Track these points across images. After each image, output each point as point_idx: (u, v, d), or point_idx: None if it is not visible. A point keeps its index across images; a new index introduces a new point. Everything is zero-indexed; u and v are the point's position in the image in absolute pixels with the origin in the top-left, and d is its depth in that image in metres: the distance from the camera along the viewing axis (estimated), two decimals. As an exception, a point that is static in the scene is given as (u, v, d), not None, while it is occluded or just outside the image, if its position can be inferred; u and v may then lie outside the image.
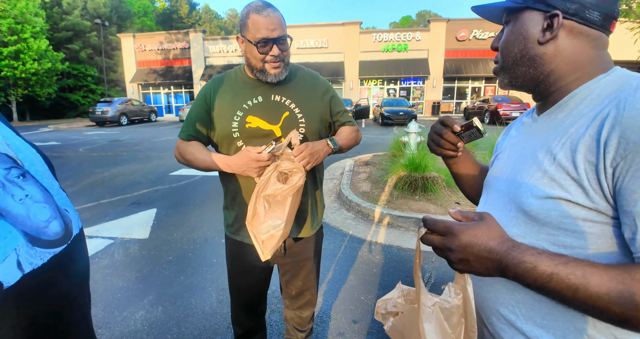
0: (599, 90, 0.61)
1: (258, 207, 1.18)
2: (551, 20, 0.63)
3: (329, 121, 1.44)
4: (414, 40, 23.96)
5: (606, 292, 0.49)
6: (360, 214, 4.34)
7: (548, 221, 0.61)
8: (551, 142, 0.63)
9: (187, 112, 6.29)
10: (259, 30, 1.17)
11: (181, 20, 51.14)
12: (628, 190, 0.51)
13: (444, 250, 0.61)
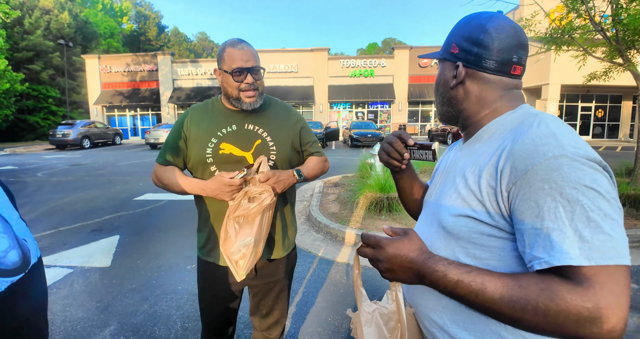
0: (505, 125, 0.72)
1: (229, 229, 1.24)
2: (455, 70, 0.77)
3: (298, 149, 1.52)
4: (380, 66, 25.06)
5: (499, 297, 0.58)
6: (329, 235, 4.39)
7: (461, 236, 0.71)
8: (466, 168, 0.73)
9: (153, 135, 6.28)
10: (234, 61, 1.30)
11: (149, 42, 50.67)
12: (518, 210, 0.61)
13: (374, 260, 0.71)
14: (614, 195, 0.58)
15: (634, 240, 3.89)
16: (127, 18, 49.04)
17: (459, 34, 0.77)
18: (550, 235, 0.57)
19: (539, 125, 0.64)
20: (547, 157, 0.58)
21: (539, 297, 0.55)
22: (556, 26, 6.23)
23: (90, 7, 41.36)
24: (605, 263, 0.53)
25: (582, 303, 0.52)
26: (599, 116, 20.88)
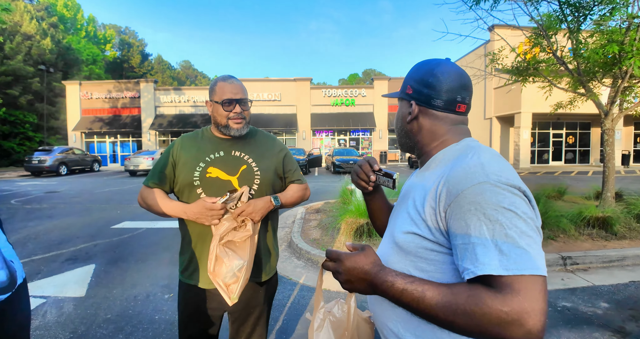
0: (448, 155, 0.84)
1: (220, 254, 1.30)
2: (410, 107, 0.90)
3: (281, 176, 1.61)
4: (360, 96, 25.90)
5: (435, 303, 0.67)
6: (310, 262, 4.39)
7: (410, 251, 0.80)
8: (416, 192, 0.84)
9: (133, 162, 6.29)
10: (225, 93, 1.44)
11: (132, 70, 50.84)
12: (452, 228, 0.71)
13: (335, 273, 0.81)
14: (531, 216, 0.68)
15: (603, 261, 4.04)
16: (110, 45, 49.33)
17: (413, 77, 0.90)
18: (475, 248, 0.66)
19: (472, 156, 0.75)
20: (474, 183, 0.69)
21: (467, 303, 0.64)
22: (521, 59, 6.68)
23: (73, 34, 41.53)
24: (521, 273, 0.62)
25: (502, 307, 0.60)
26: (570, 142, 21.82)
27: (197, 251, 1.48)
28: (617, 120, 6.16)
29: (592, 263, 4.00)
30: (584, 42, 5.73)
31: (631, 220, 5.12)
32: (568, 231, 4.74)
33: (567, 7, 5.53)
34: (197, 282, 1.48)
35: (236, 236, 1.33)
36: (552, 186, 7.82)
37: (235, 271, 1.30)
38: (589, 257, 4.01)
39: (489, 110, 21.23)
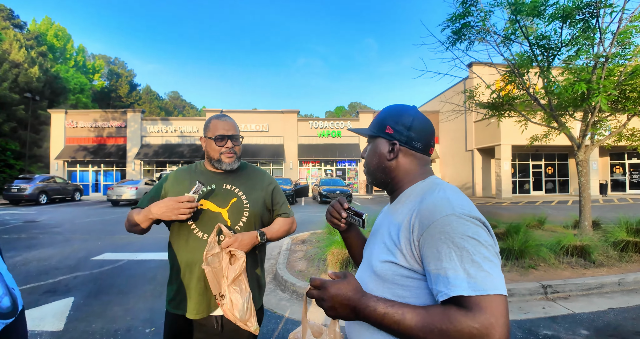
0: (417, 191, 0.93)
1: (232, 297, 1.37)
2: (392, 146, 0.98)
3: (269, 208, 1.69)
4: (346, 127, 26.47)
5: (414, 323, 0.73)
6: (295, 294, 4.34)
7: (387, 278, 0.86)
8: (390, 224, 0.92)
9: (116, 191, 6.34)
10: (218, 129, 1.55)
11: (120, 99, 50.99)
12: (425, 256, 0.79)
13: (319, 300, 0.84)
14: (490, 243, 0.77)
15: (583, 289, 4.13)
16: (99, 75, 49.69)
17: (393, 119, 0.98)
18: (447, 273, 0.74)
19: (439, 192, 0.86)
20: (442, 215, 0.78)
21: (442, 321, 0.71)
22: (497, 96, 7.07)
23: (62, 63, 41.81)
24: (486, 293, 0.71)
25: (472, 323, 0.68)
26: (549, 173, 22.52)
27: (185, 281, 1.51)
28: (590, 151, 6.49)
29: (572, 291, 4.09)
30: (554, 80, 6.14)
31: (608, 248, 5.28)
32: (548, 260, 4.86)
33: (536, 47, 5.97)
34: (185, 312, 1.50)
35: (234, 270, 1.39)
36: (532, 216, 8.03)
37: (246, 305, 1.37)
38: (569, 285, 4.11)
39: (470, 142, 21.92)
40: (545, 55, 5.95)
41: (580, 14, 5.22)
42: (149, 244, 7.48)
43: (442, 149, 26.54)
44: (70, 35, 44.20)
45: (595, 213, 10.19)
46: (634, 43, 5.93)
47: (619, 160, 22.56)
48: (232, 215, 1.54)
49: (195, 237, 1.52)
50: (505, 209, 13.76)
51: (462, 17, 5.92)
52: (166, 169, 25.58)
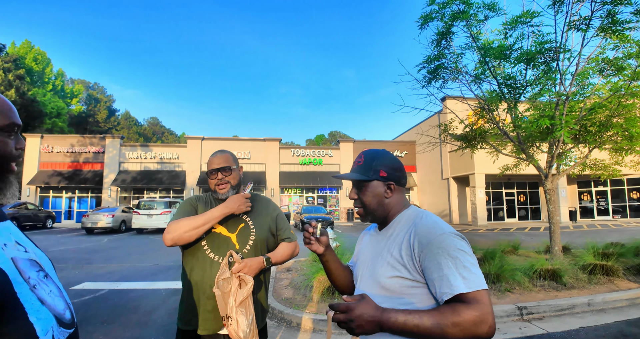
0: (405, 218, 1.17)
1: (238, 318, 1.52)
2: (389, 186, 1.21)
3: (274, 233, 1.87)
4: (327, 156, 27.07)
5: (431, 323, 0.92)
6: (283, 321, 4.39)
7: (395, 290, 1.07)
8: (390, 245, 1.14)
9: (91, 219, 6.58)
10: (211, 165, 1.79)
11: (97, 124, 50.14)
12: (427, 268, 1.01)
13: (347, 322, 0.95)
14: (472, 253, 1.02)
15: (556, 310, 4.40)
16: (77, 100, 49.01)
17: (384, 165, 1.20)
18: (448, 278, 0.97)
19: (426, 218, 1.12)
20: (438, 234, 1.03)
21: (452, 315, 0.92)
22: (469, 130, 7.59)
23: (40, 87, 41.14)
24: (478, 289, 0.95)
25: (473, 312, 0.91)
26: (521, 200, 23.43)
27: (195, 298, 1.66)
28: (556, 181, 6.98)
29: (546, 312, 4.34)
30: (520, 116, 6.69)
31: (578, 271, 5.63)
32: (523, 283, 5.13)
33: (504, 87, 6.54)
34: (196, 327, 1.64)
35: (242, 294, 1.55)
36: (507, 242, 8.40)
37: (250, 326, 1.53)
38: (543, 306, 4.37)
39: (446, 171, 22.71)
40: (512, 94, 6.51)
41: (542, 57, 5.83)
42: (130, 273, 7.34)
43: (419, 178, 27.27)
44: (50, 59, 43.84)
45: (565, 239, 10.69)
46: (592, 83, 6.61)
47: (586, 188, 23.78)
48: (240, 239, 1.73)
49: (207, 258, 1.69)
50: (481, 235, 14.19)
51: (437, 59, 6.49)
52: (144, 196, 25.07)
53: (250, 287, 1.56)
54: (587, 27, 5.45)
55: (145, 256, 9.73)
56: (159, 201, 17.29)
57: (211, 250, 1.70)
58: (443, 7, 6.08)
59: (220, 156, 1.79)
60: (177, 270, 7.43)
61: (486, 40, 6.26)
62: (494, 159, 8.29)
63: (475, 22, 6.16)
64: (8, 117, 0.88)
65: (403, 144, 28.05)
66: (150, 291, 5.93)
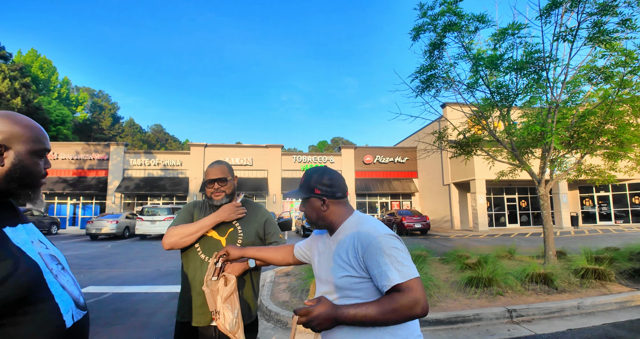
0: (350, 224, 1.34)
1: (224, 311, 1.67)
2: (323, 201, 1.37)
3: (262, 237, 2.04)
4: (329, 162, 27.27)
5: (376, 312, 1.12)
6: (280, 323, 4.53)
7: (345, 287, 1.26)
8: (339, 250, 1.31)
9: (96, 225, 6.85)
10: (208, 175, 1.95)
11: (102, 131, 50.72)
12: (369, 265, 1.20)
13: (308, 322, 1.16)
14: (404, 248, 1.23)
15: (545, 312, 4.51)
16: (82, 107, 49.66)
17: (317, 182, 1.38)
18: (387, 272, 1.16)
19: (366, 223, 1.31)
20: (374, 237, 1.22)
21: (390, 303, 1.12)
22: (463, 137, 7.75)
23: (45, 95, 41.77)
24: (409, 278, 1.14)
25: (407, 298, 1.11)
26: (522, 206, 23.45)
27: (188, 295, 1.85)
28: (549, 186, 7.11)
29: (535, 315, 4.45)
30: (513, 123, 6.86)
31: (570, 275, 5.72)
32: (514, 287, 5.24)
33: (496, 94, 6.71)
34: (190, 320, 1.81)
35: (227, 290, 1.70)
36: (504, 247, 8.51)
37: (235, 320, 1.67)
38: (532, 309, 4.48)
39: (447, 177, 22.81)
40: (504, 102, 6.68)
41: (531, 67, 6.00)
42: (132, 277, 7.51)
43: (420, 184, 27.37)
44: (55, 68, 44.57)
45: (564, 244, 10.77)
46: (583, 91, 6.77)
47: (588, 193, 23.78)
48: (228, 242, 1.90)
49: (199, 258, 1.88)
50: (481, 241, 14.26)
51: (429, 69, 6.68)
52: (147, 202, 25.31)
53: (233, 284, 1.69)
54: (574, 37, 5.62)
55: (147, 262, 9.90)
56: (162, 207, 17.52)
57: (202, 252, 1.88)
58: (435, 19, 6.29)
59: (217, 167, 1.94)
60: (178, 274, 7.57)
61: (479, 50, 6.45)
62: (490, 165, 8.44)
63: (467, 33, 6.35)
64: (43, 143, 1.08)
65: (404, 150, 28.17)
66: (152, 294, 6.09)
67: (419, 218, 17.92)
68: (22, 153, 1.03)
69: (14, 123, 1.03)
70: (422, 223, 17.78)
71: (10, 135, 1.01)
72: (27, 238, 1.05)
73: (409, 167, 27.86)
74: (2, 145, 1.00)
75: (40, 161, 1.08)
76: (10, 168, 1.01)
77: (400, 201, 27.67)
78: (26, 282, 0.92)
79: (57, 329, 0.97)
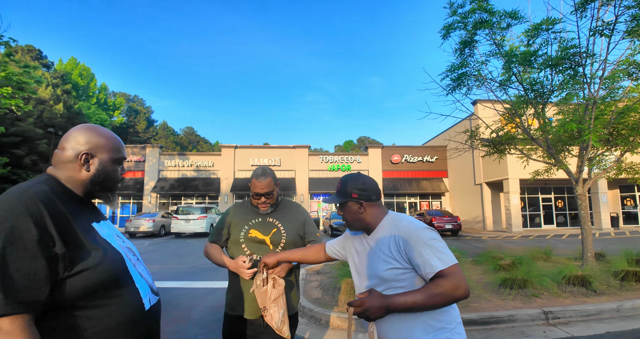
0: (387, 223, 1.47)
1: (272, 311, 1.83)
2: (360, 204, 1.48)
3: (302, 236, 2.17)
4: (356, 162, 27.24)
5: (423, 298, 1.25)
6: (313, 319, 4.68)
7: (390, 279, 1.38)
8: (381, 246, 1.43)
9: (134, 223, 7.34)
10: (255, 188, 2.03)
11: (137, 134, 52.99)
12: (411, 257, 1.33)
13: (363, 313, 1.29)
14: (440, 239, 1.36)
15: (582, 315, 4.40)
16: (119, 112, 52.07)
17: (354, 187, 1.49)
18: (429, 261, 1.29)
19: (403, 219, 1.45)
20: (413, 230, 1.35)
21: (436, 288, 1.26)
22: (496, 136, 7.61)
23: (85, 100, 44.10)
24: (450, 264, 1.28)
25: (449, 282, 1.25)
26: (559, 206, 22.49)
27: (238, 290, 2.01)
28: (587, 186, 6.87)
29: (572, 317, 4.36)
30: (549, 120, 6.68)
31: (609, 277, 5.53)
32: (551, 289, 5.13)
33: (530, 92, 6.56)
34: (243, 313, 1.97)
35: (275, 293, 1.86)
36: (539, 248, 8.28)
37: (281, 318, 1.83)
38: (569, 312, 4.38)
39: (478, 176, 22.25)
40: (539, 100, 6.52)
41: (567, 63, 5.84)
42: (170, 273, 7.90)
43: (450, 183, 26.83)
44: (94, 75, 46.95)
45: (603, 245, 10.31)
46: (622, 86, 6.50)
47: (629, 193, 22.51)
48: (273, 241, 2.04)
49: (245, 255, 2.02)
50: (514, 242, 13.87)
51: (459, 68, 6.61)
52: (181, 202, 26.27)
53: (281, 288, 1.85)
54: (612, 32, 5.43)
55: (183, 259, 10.34)
56: (195, 207, 18.17)
57: (248, 249, 2.03)
58: (465, 17, 6.23)
59: (264, 181, 2.00)
60: (213, 271, 7.89)
61: (512, 46, 6.33)
62: (524, 164, 8.23)
63: (498, 30, 6.26)
64: (121, 153, 1.27)
65: (433, 149, 27.68)
66: (190, 289, 6.40)
67: (449, 218, 17.61)
68: (104, 161, 1.20)
69: (98, 135, 1.21)
70: (452, 223, 17.46)
71: (95, 145, 1.19)
72: (110, 232, 1.23)
73: (439, 166, 27.36)
74: (88, 154, 1.18)
75: (118, 168, 1.26)
76: (94, 173, 1.18)
77: (429, 202, 27.24)
78: (114, 268, 1.09)
79: (138, 310, 1.14)
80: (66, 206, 1.07)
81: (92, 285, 1.02)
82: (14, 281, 0.88)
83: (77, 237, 1.04)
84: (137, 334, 1.14)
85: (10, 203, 0.94)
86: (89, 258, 1.03)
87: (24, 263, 0.90)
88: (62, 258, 0.97)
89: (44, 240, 0.94)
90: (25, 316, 0.90)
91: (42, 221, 0.95)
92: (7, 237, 0.90)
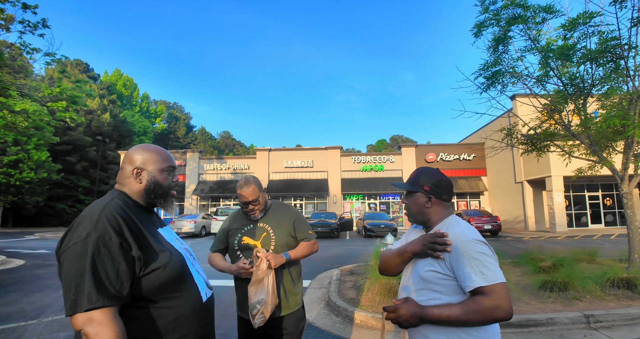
0: (445, 224, 1.43)
1: (250, 295, 1.97)
2: (429, 198, 1.48)
3: (293, 236, 2.27)
4: (389, 162, 26.98)
5: (458, 313, 1.22)
6: (347, 319, 4.78)
7: (430, 280, 1.35)
8: None
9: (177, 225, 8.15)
10: (241, 198, 2.17)
11: (177, 140, 55.41)
12: (455, 266, 1.29)
13: (396, 319, 1.30)
14: (491, 254, 1.30)
15: (626, 318, 4.24)
16: (160, 119, 54.71)
17: (428, 181, 1.48)
18: (470, 274, 1.25)
19: (458, 226, 1.40)
20: (462, 240, 1.31)
21: (474, 305, 1.21)
22: (533, 132, 7.36)
23: (128, 109, 46.72)
24: (494, 282, 1.22)
25: (490, 301, 1.19)
26: (607, 204, 21.15)
27: (240, 295, 2.18)
28: (634, 183, 6.51)
29: (615, 321, 4.20)
30: (590, 116, 6.40)
31: (660, 281, 5.24)
32: (593, 291, 4.95)
33: (570, 87, 6.33)
34: (244, 315, 2.12)
35: (257, 275, 1.96)
36: (583, 249, 7.92)
37: (258, 306, 1.93)
38: (612, 315, 4.23)
39: (519, 174, 21.37)
40: (579, 94, 6.27)
41: (608, 56, 5.60)
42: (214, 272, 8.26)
43: (489, 182, 25.91)
44: (136, 85, 49.67)
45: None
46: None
47: (687, 190, 20.77)
48: (263, 245, 2.17)
49: (241, 261, 2.14)
50: (558, 243, 13.24)
51: (493, 65, 6.48)
52: (219, 204, 27.23)
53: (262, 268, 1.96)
54: (656, 22, 5.15)
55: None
56: (233, 208, 18.84)
57: (242, 255, 2.19)
58: (497, 13, 6.12)
59: (247, 190, 2.14)
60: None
61: (549, 40, 6.13)
62: (566, 162, 7.91)
63: (533, 24, 6.09)
64: (168, 162, 1.45)
65: (470, 147, 26.80)
66: (231, 287, 6.70)
67: (488, 218, 17.07)
68: (152, 172, 1.40)
69: (145, 151, 1.41)
70: (492, 224, 16.91)
71: (143, 160, 1.39)
72: (171, 236, 1.44)
73: (477, 164, 26.50)
74: (139, 168, 1.38)
75: (168, 176, 1.44)
76: (146, 184, 1.39)
77: (467, 201, 26.45)
78: (178, 267, 1.30)
79: (198, 302, 1.35)
80: (136, 216, 1.28)
81: (164, 281, 1.23)
82: (103, 280, 1.09)
83: (147, 242, 1.25)
84: (201, 322, 1.34)
85: (94, 217, 1.16)
86: (158, 259, 1.24)
87: (110, 265, 1.12)
88: (138, 259, 1.18)
89: (124, 246, 1.16)
90: (112, 308, 1.10)
91: (120, 230, 1.17)
92: (96, 245, 1.11)
